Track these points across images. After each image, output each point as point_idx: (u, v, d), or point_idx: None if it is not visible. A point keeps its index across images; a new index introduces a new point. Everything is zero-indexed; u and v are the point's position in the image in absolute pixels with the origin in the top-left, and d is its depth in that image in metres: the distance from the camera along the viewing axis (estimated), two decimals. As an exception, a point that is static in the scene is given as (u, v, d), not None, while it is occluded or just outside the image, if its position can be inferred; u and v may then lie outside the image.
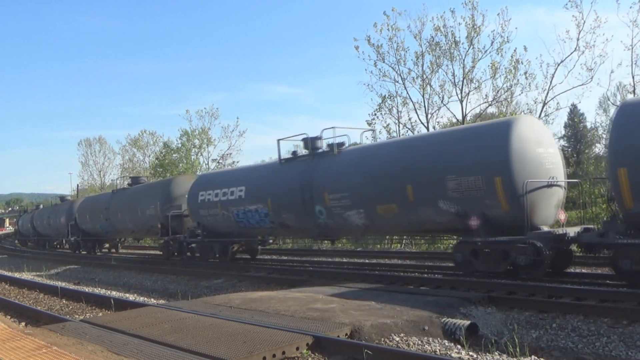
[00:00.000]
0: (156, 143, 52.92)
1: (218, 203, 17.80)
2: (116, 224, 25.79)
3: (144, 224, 23.09)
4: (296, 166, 15.59)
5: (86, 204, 30.41)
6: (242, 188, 17.00)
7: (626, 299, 8.58)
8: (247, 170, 18.88)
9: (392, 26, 26.91)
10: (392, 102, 27.90)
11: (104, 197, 28.97)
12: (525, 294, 9.58)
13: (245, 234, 17.91)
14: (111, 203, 26.14)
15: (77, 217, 30.26)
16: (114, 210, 25.63)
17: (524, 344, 6.86)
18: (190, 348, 6.03)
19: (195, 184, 19.83)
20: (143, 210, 22.78)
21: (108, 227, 26.77)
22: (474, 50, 25.66)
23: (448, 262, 16.01)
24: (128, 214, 24.24)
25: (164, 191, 21.95)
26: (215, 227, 18.36)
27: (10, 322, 9.67)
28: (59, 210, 34.81)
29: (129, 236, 28.15)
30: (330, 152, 14.86)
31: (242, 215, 16.99)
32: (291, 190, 15.18)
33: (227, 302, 9.24)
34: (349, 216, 13.72)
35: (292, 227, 15.78)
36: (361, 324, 6.96)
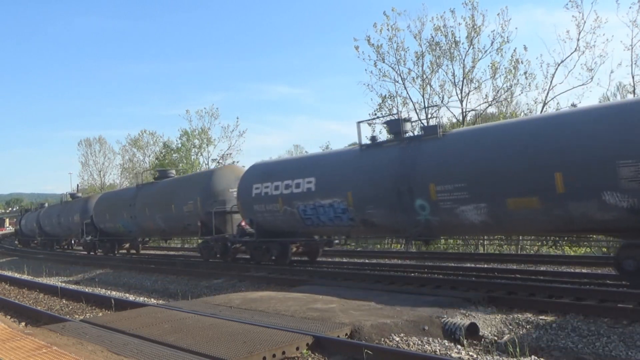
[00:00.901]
0: (156, 143, 52.88)
1: (278, 197, 15.47)
2: (143, 223, 23.14)
3: (179, 222, 20.54)
4: (386, 153, 13.24)
5: (105, 200, 27.62)
6: (312, 180, 14.57)
7: (626, 299, 8.58)
8: (316, 158, 16.01)
9: (392, 26, 26.87)
10: (392, 102, 27.89)
11: (127, 192, 25.97)
12: (525, 294, 9.59)
13: (312, 232, 15.86)
14: (137, 199, 23.38)
15: (93, 215, 27.63)
16: (140, 207, 22.97)
17: (524, 344, 6.86)
18: (190, 348, 6.03)
19: (248, 175, 17.38)
20: (179, 206, 20.19)
21: (132, 226, 24.11)
22: (474, 50, 25.63)
23: (448, 262, 16.03)
24: (159, 211, 21.58)
25: (205, 185, 19.20)
26: (274, 224, 16.07)
27: (10, 322, 9.67)
28: (72, 208, 32.25)
29: (157, 236, 25.28)
30: (432, 135, 12.34)
31: (310, 211, 14.63)
32: (380, 181, 12.84)
33: (227, 302, 9.25)
34: (464, 212, 11.37)
35: (379, 225, 13.37)
36: (361, 324, 6.96)
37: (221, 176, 19.43)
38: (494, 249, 20.21)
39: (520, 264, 14.59)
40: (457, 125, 25.07)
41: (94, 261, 24.12)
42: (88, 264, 23.16)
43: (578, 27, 22.90)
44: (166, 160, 42.23)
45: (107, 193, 31.33)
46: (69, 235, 34.36)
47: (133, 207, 23.45)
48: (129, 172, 55.90)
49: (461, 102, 26.30)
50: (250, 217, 16.71)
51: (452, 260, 16.65)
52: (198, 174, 22.29)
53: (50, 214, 36.43)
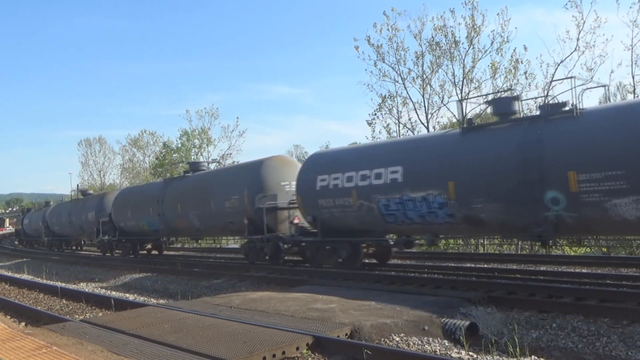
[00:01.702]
0: (156, 143, 52.93)
1: (352, 190, 13.46)
2: (172, 221, 20.74)
3: (218, 219, 18.24)
4: (497, 136, 11.34)
5: (126, 196, 25.16)
6: (397, 169, 12.57)
7: (626, 299, 8.59)
8: (403, 144, 13.81)
9: (392, 26, 26.89)
10: (392, 102, 27.89)
11: (154, 187, 23.48)
12: (525, 294, 9.59)
13: (393, 231, 13.97)
14: (165, 195, 20.99)
15: (112, 212, 25.34)
16: (169, 204, 20.63)
17: (524, 344, 6.86)
18: (190, 348, 6.04)
19: (310, 165, 15.33)
20: (219, 202, 17.88)
21: (159, 224, 21.63)
22: (474, 50, 25.64)
23: (448, 262, 16.03)
24: (194, 208, 19.31)
25: (253, 177, 16.96)
26: (343, 222, 14.09)
27: (10, 322, 9.67)
28: (85, 206, 29.87)
29: (188, 235, 22.92)
30: (563, 114, 10.50)
31: (394, 206, 12.62)
32: (493, 169, 10.94)
33: (227, 302, 9.25)
34: (616, 206, 9.44)
35: (487, 222, 11.37)
36: (361, 324, 6.96)
37: (271, 167, 17.15)
38: (494, 249, 20.23)
39: (520, 264, 14.60)
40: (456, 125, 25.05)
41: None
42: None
43: (578, 27, 22.91)
44: (166, 160, 42.24)
45: (128, 188, 28.99)
46: (81, 235, 32.29)
47: (161, 204, 21.08)
48: (129, 172, 55.91)
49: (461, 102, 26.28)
50: (313, 213, 14.59)
51: (452, 260, 16.66)
52: (243, 165, 19.34)
53: (60, 213, 34.30)
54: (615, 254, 17.88)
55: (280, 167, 17.25)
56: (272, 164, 17.26)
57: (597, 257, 15.59)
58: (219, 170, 20.93)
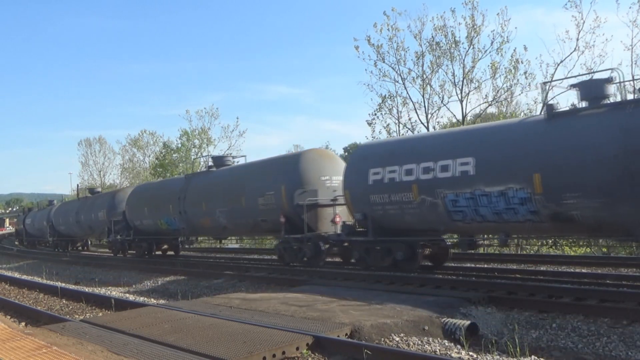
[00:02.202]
0: (156, 143, 52.94)
1: (412, 184, 12.22)
2: (196, 219, 19.27)
3: (249, 217, 16.77)
4: (592, 122, 10.03)
5: (142, 193, 23.55)
6: (468, 160, 11.33)
7: (626, 299, 8.58)
8: (474, 132, 12.36)
9: (392, 26, 26.91)
10: (392, 102, 27.91)
11: (174, 183, 21.74)
12: (525, 294, 9.59)
13: (460, 230, 12.56)
14: (188, 191, 19.50)
15: (126, 210, 23.91)
16: (193, 201, 19.17)
17: (524, 344, 6.87)
18: (190, 348, 6.04)
19: (359, 157, 14.02)
20: (251, 198, 16.47)
21: (180, 223, 20.11)
22: (474, 50, 25.66)
23: (448, 262, 16.00)
24: (221, 205, 17.77)
25: (292, 171, 15.52)
26: (400, 220, 12.83)
27: (10, 322, 9.67)
28: (95, 204, 28.33)
29: (213, 235, 21.02)
30: None
31: (464, 202, 11.40)
32: (591, 158, 9.62)
33: (227, 302, 9.25)
34: None
35: (580, 220, 10.05)
36: (361, 324, 6.97)
37: (311, 160, 15.73)
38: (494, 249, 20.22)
39: (520, 264, 14.60)
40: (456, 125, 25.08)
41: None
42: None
43: (578, 27, 22.92)
44: (166, 160, 42.25)
45: (144, 185, 27.03)
46: (90, 234, 30.83)
47: (182, 201, 19.46)
48: (129, 172, 55.90)
49: (461, 102, 26.32)
50: (364, 210, 13.30)
51: (452, 260, 16.62)
52: (279, 158, 17.37)
53: (66, 212, 32.57)
54: (615, 254, 17.88)
55: (320, 160, 15.86)
56: (311, 157, 15.84)
57: (597, 257, 15.59)
58: (251, 164, 18.67)
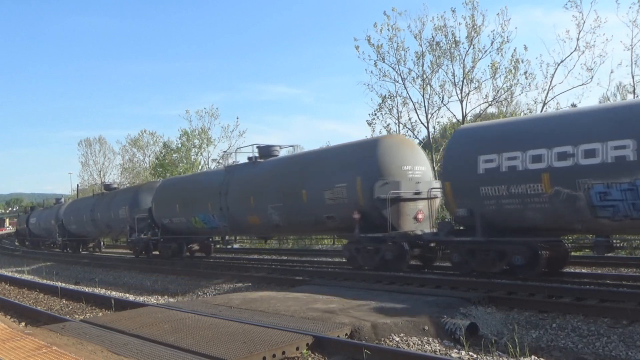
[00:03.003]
0: (156, 143, 52.96)
1: (543, 173, 10.25)
2: (241, 216, 17.22)
3: (313, 213, 14.66)
4: None
5: (172, 188, 21.43)
6: (627, 143, 9.33)
7: (626, 299, 8.58)
8: (631, 108, 10.00)
9: (392, 26, 26.94)
10: (392, 102, 27.92)
11: (212, 177, 19.55)
12: (525, 294, 9.58)
13: (604, 229, 10.34)
14: (230, 185, 17.59)
15: (153, 207, 21.75)
16: (237, 196, 17.21)
17: (524, 344, 6.86)
18: (190, 348, 6.04)
19: (464, 141, 12.01)
20: (316, 192, 14.32)
21: (221, 221, 18.14)
22: (474, 50, 25.69)
23: (448, 262, 16.00)
24: (274, 200, 15.73)
25: (368, 160, 13.40)
26: (521, 217, 10.85)
27: (10, 322, 9.68)
28: (114, 201, 25.84)
29: (264, 234, 18.44)
30: None
31: (617, 195, 9.44)
32: None
33: (227, 302, 9.25)
34: None
35: None
36: (361, 324, 6.97)
37: (390, 147, 13.55)
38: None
39: (520, 264, 14.56)
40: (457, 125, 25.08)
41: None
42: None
43: (578, 26, 22.94)
44: (166, 160, 42.25)
45: (175, 179, 24.64)
46: (107, 234, 28.66)
47: (224, 196, 17.55)
48: (129, 172, 55.90)
49: (461, 102, 26.34)
50: (471, 205, 11.46)
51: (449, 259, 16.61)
52: (350, 146, 15.01)
53: (79, 210, 30.21)
54: (615, 254, 17.86)
55: (401, 147, 13.78)
56: (390, 144, 13.61)
57: (597, 257, 15.56)
58: (313, 152, 16.32)
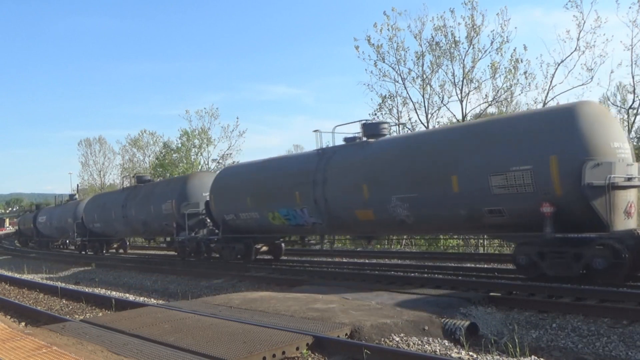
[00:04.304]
0: (156, 143, 52.90)
1: None
2: (344, 210, 13.67)
3: (464, 206, 11.14)
4: None
5: (238, 177, 17.58)
6: None
7: (626, 299, 8.58)
8: None
9: (392, 26, 26.92)
10: (392, 102, 27.92)
11: (299, 162, 15.73)
12: (525, 294, 9.58)
13: None
14: (329, 172, 14.00)
15: (211, 200, 18.16)
16: (340, 185, 13.66)
17: (524, 344, 6.87)
18: (190, 348, 6.03)
19: None
20: (475, 178, 10.82)
21: (313, 216, 14.52)
22: (474, 50, 25.68)
23: (448, 262, 16.03)
24: (402, 189, 12.14)
25: (566, 133, 9.95)
26: None
27: (10, 322, 9.68)
28: (154, 194, 21.98)
29: (372, 232, 14.81)
30: None
31: None
32: None
33: (227, 302, 9.25)
34: None
35: None
36: (361, 324, 6.96)
37: (595, 117, 10.08)
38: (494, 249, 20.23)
39: (520, 264, 14.56)
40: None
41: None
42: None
43: (578, 26, 22.93)
44: (166, 160, 42.25)
45: (242, 166, 19.55)
46: (143, 232, 24.41)
47: (321, 186, 14.04)
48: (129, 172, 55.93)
49: (461, 102, 26.34)
50: None
51: (452, 260, 16.65)
52: (530, 115, 11.76)
53: (104, 205, 26.42)
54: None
55: (606, 118, 10.51)
56: (593, 112, 10.18)
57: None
58: (470, 125, 12.60)
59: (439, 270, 13.96)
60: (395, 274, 13.37)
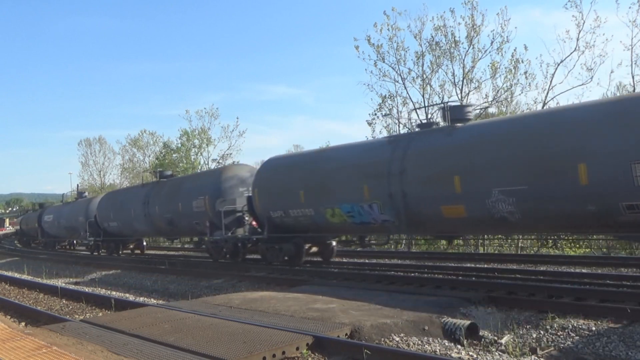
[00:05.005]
0: (156, 143, 52.83)
1: None
2: (427, 205, 11.67)
3: (593, 201, 9.22)
4: None
5: (289, 170, 15.53)
6: None
7: (626, 299, 8.58)
8: None
9: (392, 26, 26.86)
10: (392, 102, 27.91)
11: (369, 151, 13.37)
12: (525, 294, 9.59)
13: None
14: (407, 161, 11.96)
15: (256, 196, 16.03)
16: (423, 177, 11.63)
17: (524, 344, 6.86)
18: (190, 348, 6.04)
19: None
20: (612, 167, 8.95)
21: (384, 213, 12.42)
22: (474, 50, 25.63)
23: (448, 262, 16.03)
24: (508, 181, 10.18)
25: None
26: None
27: (10, 322, 9.68)
28: (182, 190, 19.78)
29: (453, 231, 12.60)
30: None
31: None
32: None
33: (227, 302, 9.25)
34: None
35: None
36: (361, 324, 6.97)
37: None
38: (494, 249, 20.23)
39: (520, 264, 14.59)
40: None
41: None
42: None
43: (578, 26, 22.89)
44: (166, 160, 42.24)
45: (293, 156, 17.63)
46: (168, 232, 21.88)
47: (397, 177, 12.01)
48: (129, 172, 55.90)
49: (461, 102, 26.31)
50: None
51: (452, 260, 16.65)
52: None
53: (122, 203, 24.01)
54: (615, 254, 17.88)
55: None
56: None
57: (597, 257, 15.58)
58: (591, 105, 10.28)
59: (439, 270, 13.96)
60: (395, 274, 13.37)
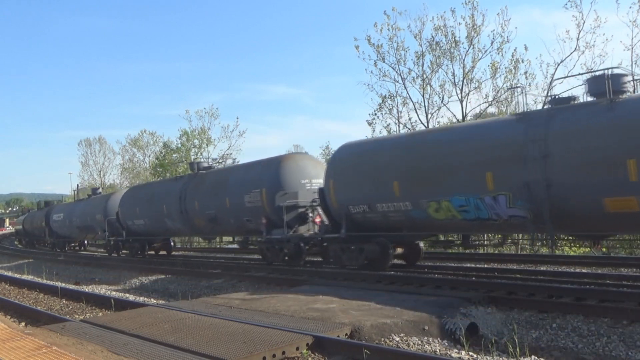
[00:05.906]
0: (156, 143, 52.83)
1: None
2: (583, 197, 9.74)
3: None
4: None
5: (378, 154, 13.31)
6: None
7: (626, 299, 8.58)
8: None
9: (392, 26, 26.87)
10: (392, 102, 27.89)
11: (488, 131, 11.48)
12: (525, 294, 9.59)
13: None
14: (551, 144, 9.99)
15: (331, 188, 14.00)
16: (577, 162, 9.72)
17: (524, 344, 6.86)
18: (190, 348, 6.04)
19: None
20: None
21: (516, 206, 10.50)
22: (474, 50, 25.63)
23: (448, 262, 16.02)
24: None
25: None
26: None
27: (10, 322, 9.68)
28: (228, 182, 17.84)
29: None
30: None
31: None
32: None
33: (227, 302, 9.25)
34: None
35: None
36: (361, 324, 6.96)
37: None
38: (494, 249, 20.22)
39: (520, 264, 14.59)
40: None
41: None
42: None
43: (578, 26, 22.89)
44: (166, 160, 42.24)
45: (378, 140, 15.26)
46: (208, 231, 19.97)
47: (536, 164, 10.06)
48: (129, 172, 55.89)
49: (461, 102, 26.33)
50: None
51: (452, 260, 16.65)
52: None
53: (151, 198, 22.02)
54: (615, 254, 17.88)
55: None
56: None
57: (597, 257, 15.57)
58: None
59: (439, 270, 13.95)
60: (396, 274, 13.37)
